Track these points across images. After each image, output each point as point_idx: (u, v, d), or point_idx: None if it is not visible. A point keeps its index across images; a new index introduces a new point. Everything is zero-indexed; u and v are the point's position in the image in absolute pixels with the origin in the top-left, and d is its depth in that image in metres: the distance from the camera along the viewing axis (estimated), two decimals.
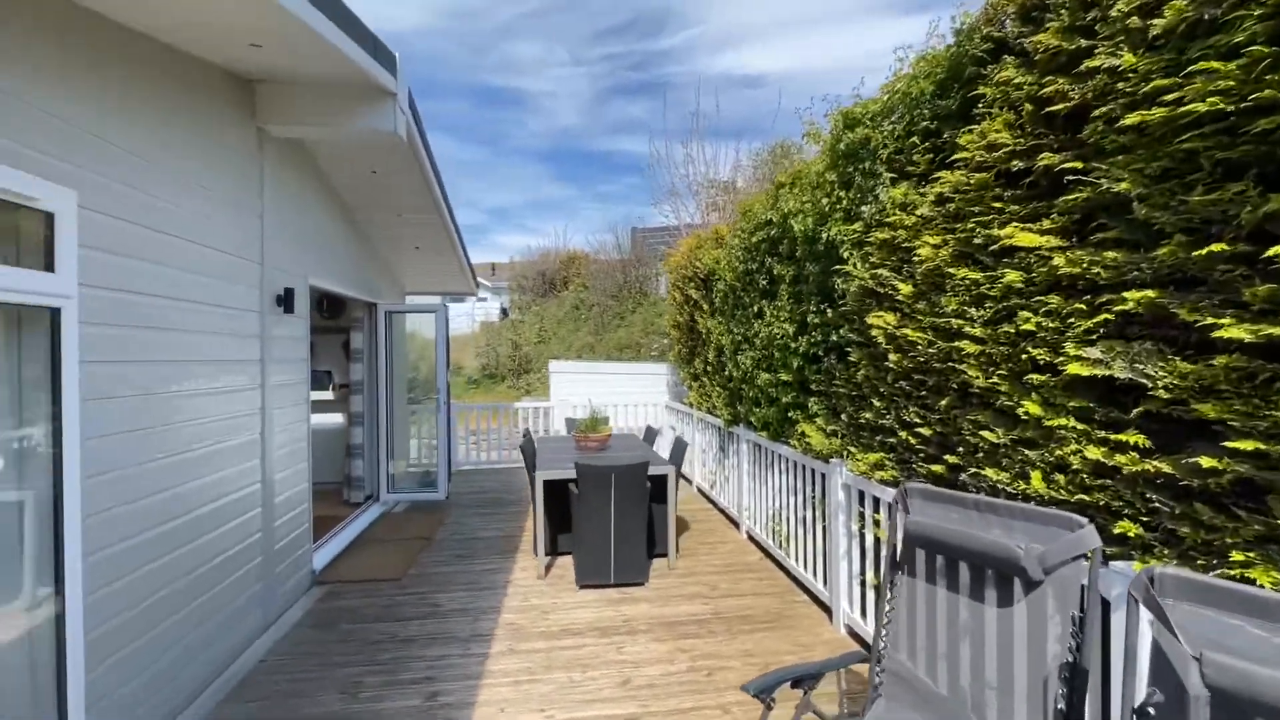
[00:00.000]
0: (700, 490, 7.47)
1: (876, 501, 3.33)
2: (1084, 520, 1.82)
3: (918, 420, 2.89)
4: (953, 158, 2.52)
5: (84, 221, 2.38)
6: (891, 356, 2.98)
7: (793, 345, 4.13)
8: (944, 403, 2.69)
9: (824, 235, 3.48)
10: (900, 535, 2.22)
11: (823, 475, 3.98)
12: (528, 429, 6.87)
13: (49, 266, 2.24)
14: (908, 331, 2.81)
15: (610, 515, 4.48)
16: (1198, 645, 1.32)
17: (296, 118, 3.87)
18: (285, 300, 4.13)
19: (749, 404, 5.33)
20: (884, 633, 2.28)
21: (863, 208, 3.15)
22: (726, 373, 5.85)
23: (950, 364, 2.59)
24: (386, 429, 6.78)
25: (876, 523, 3.35)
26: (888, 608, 2.29)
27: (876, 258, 3.04)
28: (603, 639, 3.72)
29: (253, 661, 3.46)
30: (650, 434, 6.48)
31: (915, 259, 2.73)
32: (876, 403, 3.19)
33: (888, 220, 2.93)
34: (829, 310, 3.64)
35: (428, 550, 5.40)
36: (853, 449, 3.53)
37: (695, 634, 3.77)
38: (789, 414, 4.40)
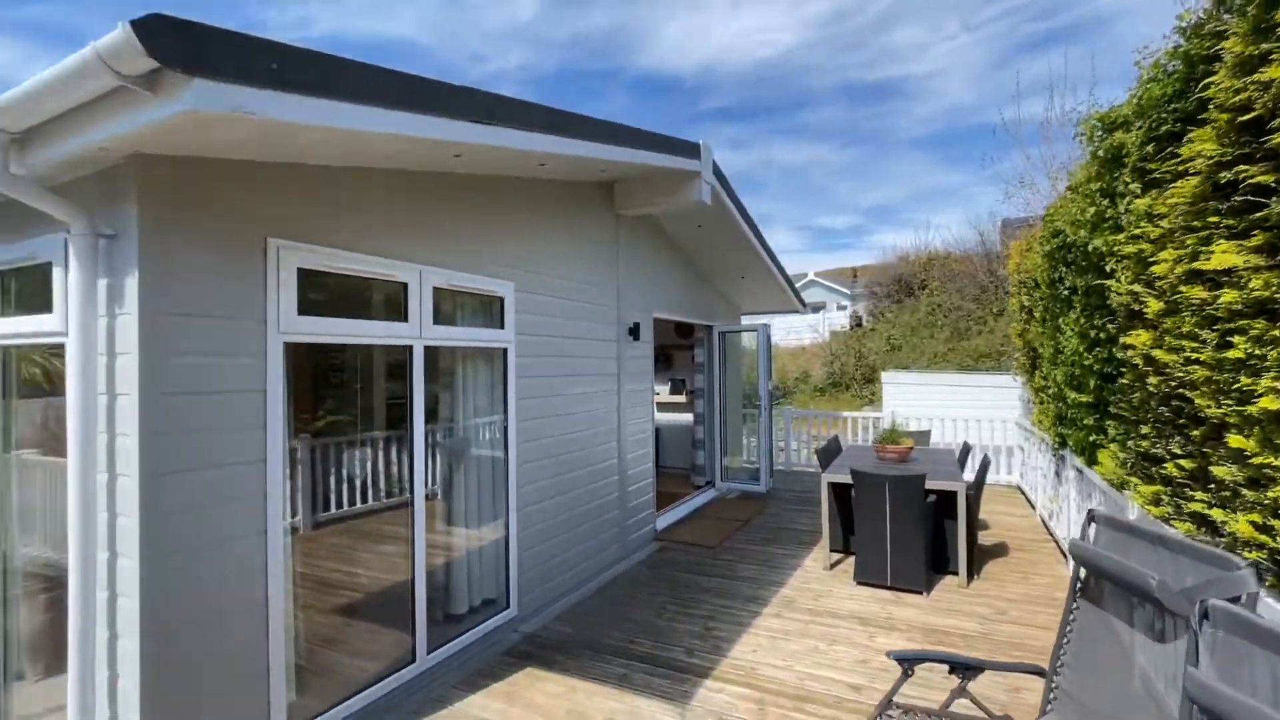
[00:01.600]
0: (1042, 519, 6.68)
1: None
2: (1242, 561, 1.71)
3: (1178, 451, 2.60)
4: (1185, 167, 2.32)
5: (518, 299, 4.22)
6: (1151, 380, 2.72)
7: (1086, 361, 3.78)
8: (1197, 433, 2.42)
9: (1091, 247, 3.25)
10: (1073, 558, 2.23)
11: (1121, 509, 3.55)
12: (836, 435, 7.31)
13: (501, 326, 4.10)
14: (1159, 353, 2.59)
15: (885, 521, 4.77)
16: (1227, 674, 1.36)
17: (638, 203, 5.45)
18: (633, 331, 5.78)
19: (1068, 425, 4.81)
20: (1062, 649, 2.30)
21: (1123, 218, 2.92)
22: (1050, 389, 5.31)
23: (1192, 389, 2.36)
24: (720, 428, 8.19)
25: None
26: (1068, 626, 2.30)
27: (1132, 272, 2.81)
28: (859, 626, 4.15)
29: (606, 580, 5.08)
30: (965, 450, 6.24)
31: (1157, 274, 2.53)
32: (1145, 429, 2.90)
33: (1136, 232, 2.71)
34: (1110, 325, 3.33)
35: (743, 530, 6.49)
36: (1135, 479, 3.17)
37: (953, 646, 3.86)
38: (1091, 438, 3.98)
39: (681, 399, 9.37)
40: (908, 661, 2.41)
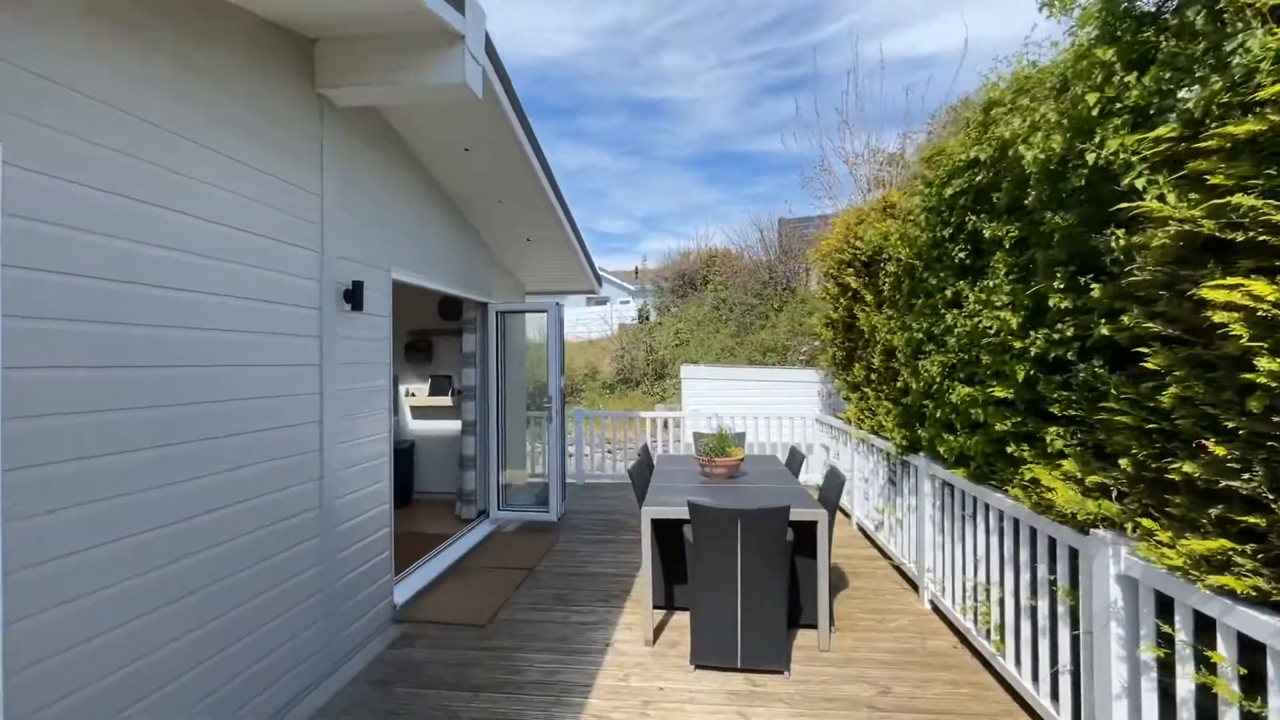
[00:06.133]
0: (861, 529, 6.00)
1: (1204, 623, 1.86)
2: None
3: None
4: None
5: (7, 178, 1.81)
6: (1262, 362, 1.54)
7: (1016, 344, 2.70)
8: None
9: (1090, 158, 2.07)
10: None
11: (1074, 552, 2.51)
12: (645, 445, 5.93)
13: None
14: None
15: (735, 575, 3.34)
16: None
17: (357, 78, 3.25)
18: (353, 296, 3.55)
19: (935, 427, 3.87)
20: None
21: (1182, 94, 1.73)
22: (900, 383, 4.43)
23: None
24: (497, 439, 6.22)
25: (1207, 664, 1.86)
26: None
27: (1224, 175, 1.60)
28: None
29: (304, 715, 2.84)
30: (795, 458, 5.20)
31: None
32: (1214, 447, 1.73)
33: (1255, 99, 1.50)
34: (1094, 287, 2.20)
35: (526, 584, 4.64)
36: (1150, 521, 2.06)
37: None
38: (1006, 447, 2.95)
39: (447, 401, 7.17)
40: None
